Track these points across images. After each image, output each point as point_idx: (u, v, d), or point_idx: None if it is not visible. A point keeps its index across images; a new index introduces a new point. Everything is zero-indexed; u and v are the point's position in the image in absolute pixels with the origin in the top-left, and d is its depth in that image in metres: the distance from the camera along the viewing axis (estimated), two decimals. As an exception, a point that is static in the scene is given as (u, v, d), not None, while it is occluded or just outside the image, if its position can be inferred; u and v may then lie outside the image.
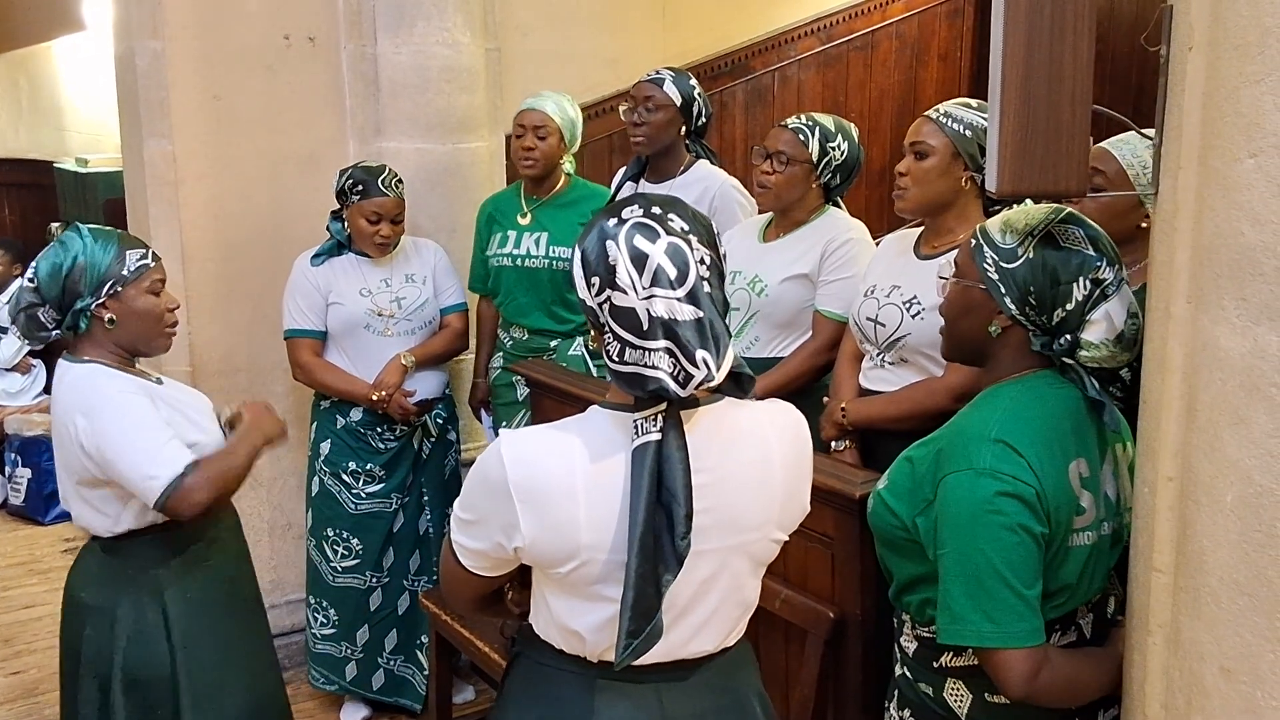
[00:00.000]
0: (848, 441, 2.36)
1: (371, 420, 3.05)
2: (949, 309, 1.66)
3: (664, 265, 1.28)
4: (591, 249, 1.32)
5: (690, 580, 1.34)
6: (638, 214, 1.32)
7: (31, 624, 3.86)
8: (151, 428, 1.95)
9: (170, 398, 2.07)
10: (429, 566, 3.17)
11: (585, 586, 1.34)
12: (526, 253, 3.11)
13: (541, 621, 1.43)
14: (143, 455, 1.92)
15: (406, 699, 3.18)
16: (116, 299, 1.99)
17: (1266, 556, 1.10)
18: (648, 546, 1.27)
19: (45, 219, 6.32)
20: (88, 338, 2.02)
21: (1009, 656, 1.44)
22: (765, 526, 1.41)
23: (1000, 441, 1.48)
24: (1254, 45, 1.08)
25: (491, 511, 1.35)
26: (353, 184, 2.96)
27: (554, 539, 1.32)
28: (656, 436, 1.28)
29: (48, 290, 1.97)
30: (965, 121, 2.17)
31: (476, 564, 1.41)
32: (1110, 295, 1.52)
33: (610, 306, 1.30)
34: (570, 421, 1.38)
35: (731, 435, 1.38)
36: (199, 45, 3.12)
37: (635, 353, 1.28)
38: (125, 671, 2.00)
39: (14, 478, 4.95)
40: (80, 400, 1.96)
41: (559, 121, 3.05)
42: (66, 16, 5.93)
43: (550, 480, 1.31)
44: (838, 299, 2.51)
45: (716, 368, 1.28)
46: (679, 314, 1.27)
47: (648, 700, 1.41)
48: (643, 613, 1.28)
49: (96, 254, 1.97)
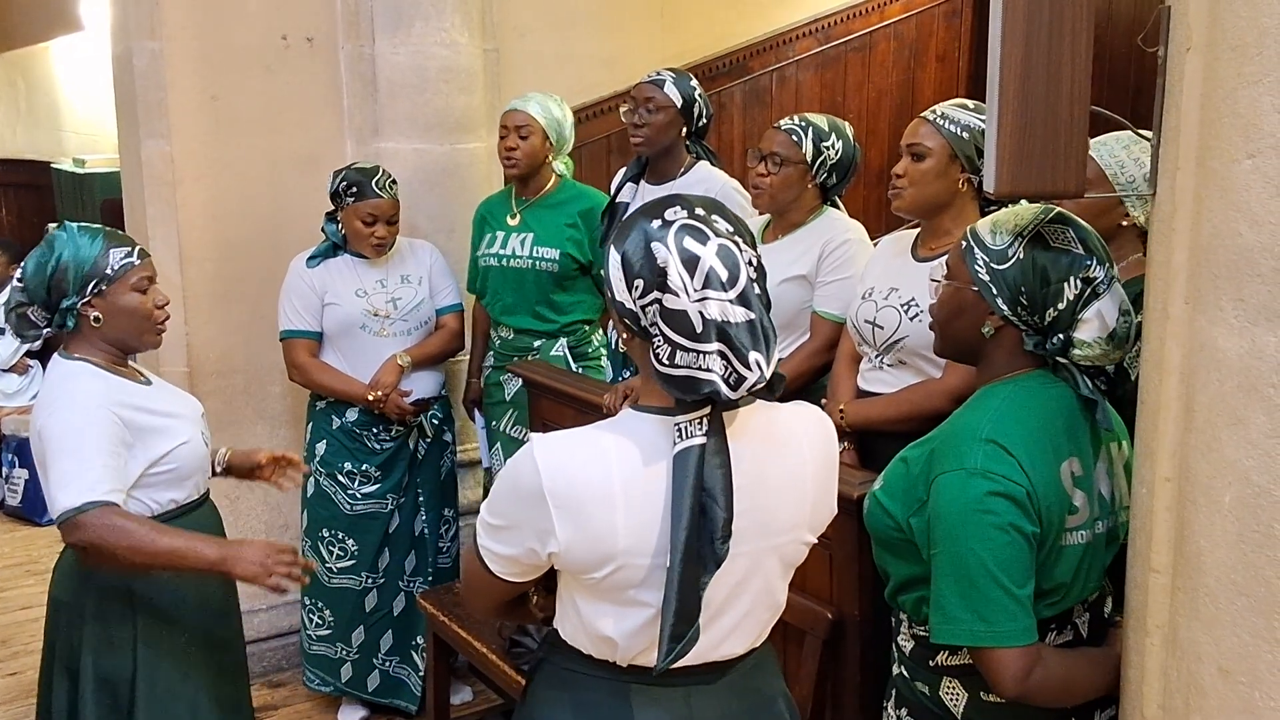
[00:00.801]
0: (846, 443, 2.36)
1: (367, 421, 3.05)
2: (941, 311, 1.66)
3: (716, 267, 1.28)
4: (635, 251, 1.31)
5: (725, 583, 1.34)
6: (683, 216, 1.32)
7: (28, 625, 3.85)
8: (90, 448, 1.90)
9: (152, 402, 2.05)
10: (424, 567, 3.17)
11: (620, 592, 1.33)
12: (512, 253, 3.12)
13: (569, 626, 1.42)
14: (67, 469, 1.89)
15: (402, 700, 3.18)
16: (102, 297, 1.99)
17: (1264, 557, 1.10)
18: (691, 550, 1.27)
19: (43, 219, 6.33)
20: (78, 335, 2.02)
21: (1001, 655, 1.44)
22: (797, 529, 1.41)
23: (991, 441, 1.48)
24: (1252, 46, 1.08)
25: (524, 518, 1.33)
26: (347, 186, 2.95)
27: (590, 545, 1.31)
28: (701, 440, 1.28)
29: (34, 290, 1.98)
30: (962, 123, 2.17)
31: (506, 570, 1.39)
32: (1101, 294, 1.52)
33: (660, 309, 1.29)
34: (604, 425, 1.37)
35: (767, 437, 1.38)
36: (197, 45, 3.12)
37: (688, 355, 1.27)
38: (95, 670, 2.00)
39: (11, 478, 4.94)
40: (50, 394, 1.98)
41: (542, 122, 3.06)
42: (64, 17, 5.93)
43: (588, 486, 1.30)
44: (836, 300, 2.51)
45: (767, 368, 1.29)
46: (731, 316, 1.27)
47: (676, 704, 1.40)
48: (686, 616, 1.28)
49: (80, 253, 1.97)
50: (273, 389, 3.33)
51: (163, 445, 2.01)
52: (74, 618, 2.03)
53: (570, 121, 3.17)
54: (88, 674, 2.00)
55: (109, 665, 2.01)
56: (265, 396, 3.35)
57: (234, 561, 1.92)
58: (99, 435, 1.92)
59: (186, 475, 2.07)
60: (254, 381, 3.33)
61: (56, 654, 2.06)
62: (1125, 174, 2.00)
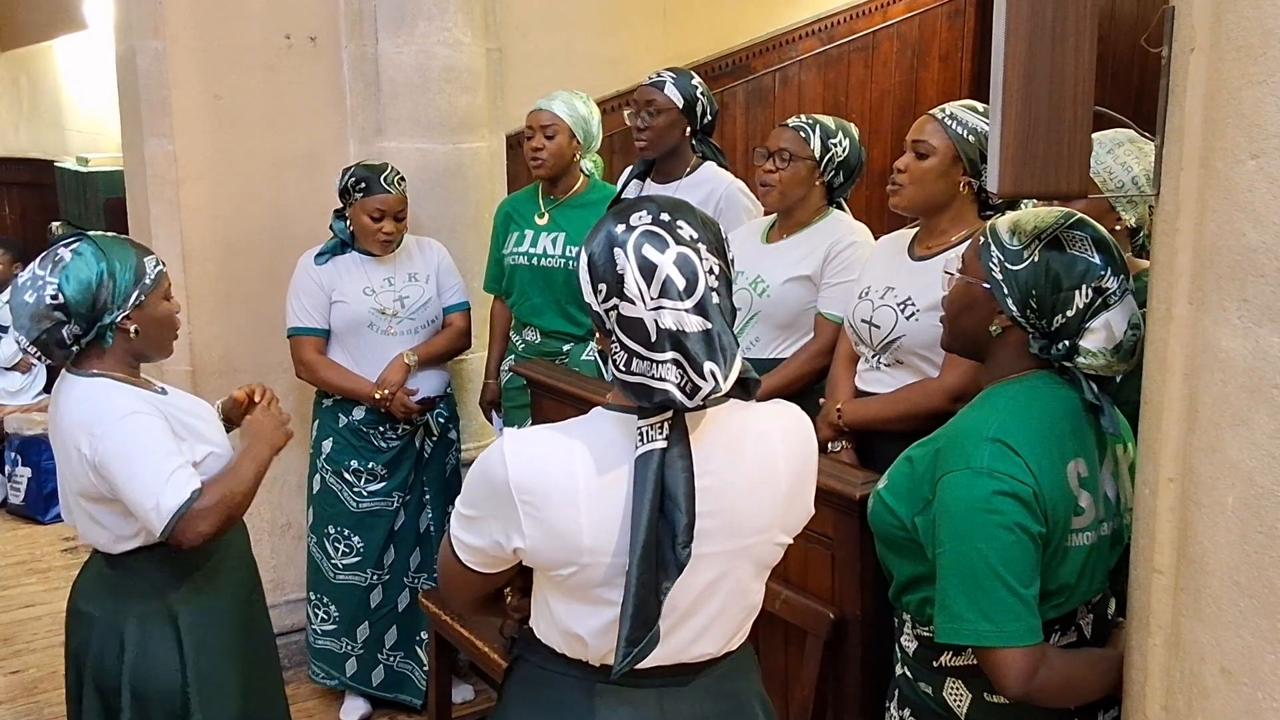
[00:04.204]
0: (844, 442, 2.36)
1: (373, 419, 3.05)
2: (951, 304, 1.66)
3: (672, 276, 1.27)
4: (599, 255, 1.31)
5: (694, 584, 1.34)
6: (646, 221, 1.31)
7: (31, 623, 3.86)
8: (160, 452, 1.89)
9: (177, 409, 2.02)
10: (429, 564, 3.18)
11: (587, 590, 1.34)
12: (543, 252, 3.11)
13: (543, 625, 1.43)
14: (149, 481, 1.86)
15: (406, 695, 3.19)
16: (140, 308, 1.96)
17: (1268, 558, 1.10)
18: (650, 554, 1.27)
19: (46, 218, 6.34)
20: (96, 351, 1.96)
21: (1006, 655, 1.44)
22: (769, 530, 1.41)
23: (998, 441, 1.48)
24: (1256, 47, 1.08)
25: (493, 510, 1.34)
26: (355, 182, 2.96)
27: (555, 542, 1.31)
28: (661, 444, 1.28)
29: (78, 308, 1.89)
30: (969, 125, 2.17)
31: (475, 560, 1.40)
32: (1112, 305, 1.52)
33: (617, 316, 1.29)
34: (574, 423, 1.38)
35: (737, 439, 1.37)
36: (200, 45, 3.12)
37: (642, 363, 1.27)
38: (133, 685, 1.96)
39: (14, 477, 4.95)
40: (89, 417, 1.90)
41: (568, 120, 3.04)
42: (68, 16, 5.93)
43: (552, 483, 1.31)
44: (840, 302, 2.50)
45: (724, 379, 1.27)
46: (687, 325, 1.26)
47: (648, 705, 1.40)
48: (643, 621, 1.28)
49: (122, 265, 1.93)
50: (277, 388, 3.27)
51: (203, 447, 2.00)
52: (107, 631, 1.97)
53: (597, 118, 3.15)
54: (126, 688, 1.95)
55: (152, 678, 1.96)
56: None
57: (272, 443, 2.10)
58: (156, 434, 1.91)
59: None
60: (257, 380, 3.31)
61: (86, 670, 1.99)
62: (1114, 179, 1.99)
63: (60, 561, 4.35)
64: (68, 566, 4.21)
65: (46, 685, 3.39)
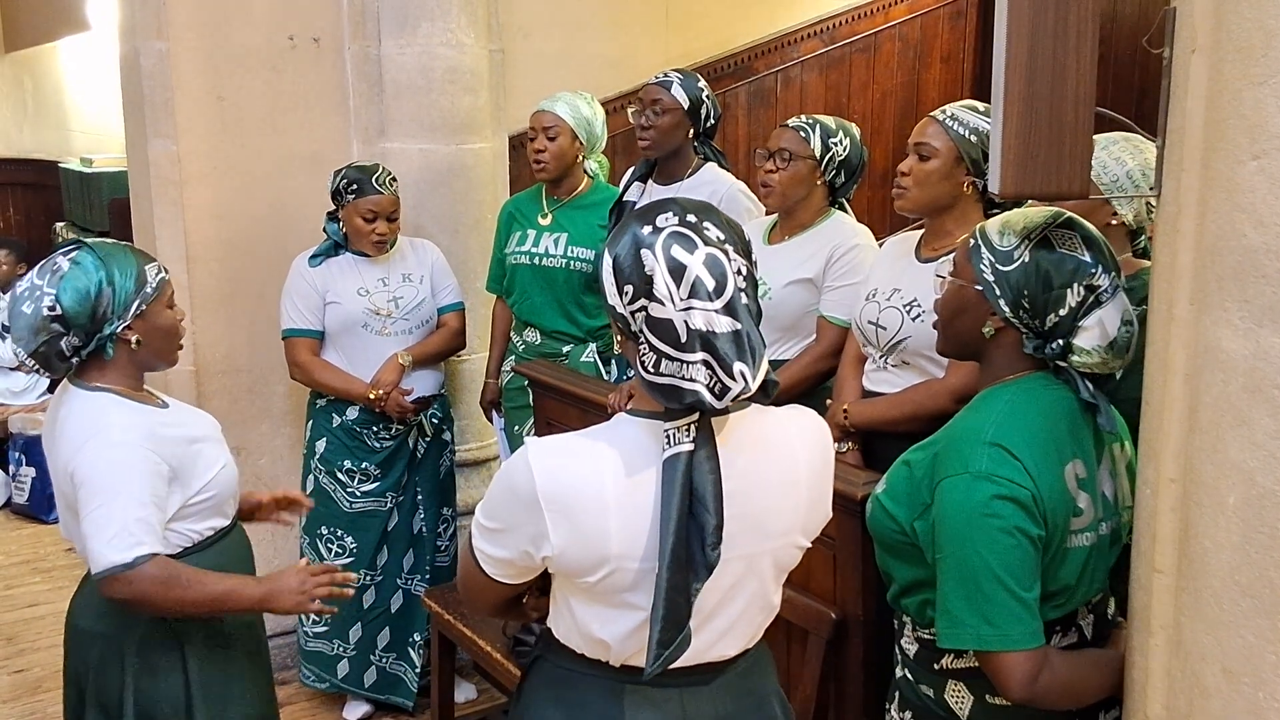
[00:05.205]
0: (850, 443, 2.36)
1: (367, 419, 3.05)
2: (944, 308, 1.66)
3: (702, 277, 1.27)
4: (625, 256, 1.30)
5: (717, 586, 1.34)
6: (673, 222, 1.31)
7: (35, 622, 3.86)
8: (133, 499, 1.79)
9: (180, 429, 1.95)
10: (422, 565, 3.19)
11: (613, 595, 1.34)
12: (545, 251, 3.11)
13: (563, 627, 1.42)
14: (105, 523, 1.77)
15: (398, 696, 3.19)
16: (142, 318, 1.89)
17: (1269, 558, 1.10)
18: (679, 557, 1.27)
19: (50, 219, 6.35)
20: (98, 362, 1.89)
21: (1008, 659, 1.44)
22: (790, 533, 1.41)
23: (996, 445, 1.48)
24: (1258, 48, 1.08)
25: (519, 521, 1.33)
26: (347, 183, 2.96)
27: (583, 549, 1.31)
28: (689, 447, 1.28)
29: (77, 319, 1.82)
30: (971, 126, 2.17)
31: (500, 572, 1.40)
32: (1104, 302, 1.52)
33: (646, 317, 1.28)
34: (598, 430, 1.37)
35: (760, 442, 1.38)
36: (204, 46, 3.13)
37: (672, 364, 1.27)
38: (136, 703, 1.91)
39: (18, 476, 4.96)
40: (83, 434, 1.84)
41: (570, 121, 3.05)
42: (71, 17, 5.94)
43: (581, 491, 1.30)
44: (842, 305, 2.50)
45: (753, 379, 1.28)
46: (717, 326, 1.26)
47: (671, 705, 1.40)
48: (674, 623, 1.28)
49: (118, 275, 1.86)
50: (277, 388, 3.34)
51: (203, 475, 1.92)
52: (109, 649, 1.92)
53: (601, 119, 3.15)
54: (129, 707, 1.90)
55: (155, 694, 1.92)
56: (270, 395, 3.36)
57: (276, 596, 1.90)
58: (141, 475, 1.81)
59: (225, 499, 1.99)
60: (259, 380, 3.34)
61: (88, 689, 1.93)
62: (1108, 174, 2.00)
63: (64, 561, 4.35)
64: (72, 566, 4.21)
65: (50, 685, 3.38)
